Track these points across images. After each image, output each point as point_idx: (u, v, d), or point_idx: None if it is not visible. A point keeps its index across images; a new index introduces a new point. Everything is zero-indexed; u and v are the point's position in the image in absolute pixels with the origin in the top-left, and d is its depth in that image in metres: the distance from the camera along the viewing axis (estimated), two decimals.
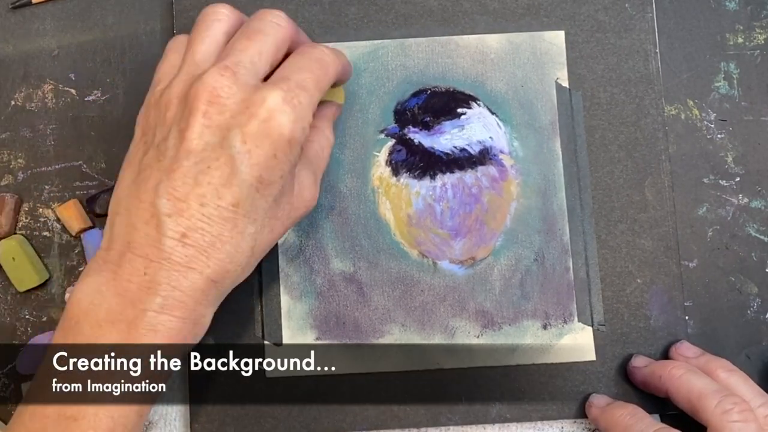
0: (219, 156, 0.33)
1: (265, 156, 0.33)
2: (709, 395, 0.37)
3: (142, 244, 0.33)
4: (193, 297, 0.33)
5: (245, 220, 0.34)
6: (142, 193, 0.33)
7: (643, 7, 0.46)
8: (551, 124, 0.45)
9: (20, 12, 0.46)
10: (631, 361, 0.42)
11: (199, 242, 0.33)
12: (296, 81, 0.35)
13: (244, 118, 0.33)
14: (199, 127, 0.33)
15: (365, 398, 0.42)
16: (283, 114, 0.34)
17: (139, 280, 0.33)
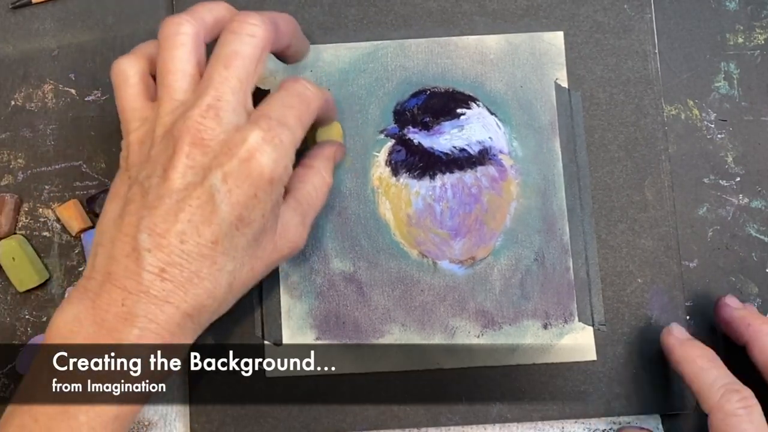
0: (200, 195, 0.34)
1: (246, 195, 0.34)
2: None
3: (122, 276, 0.33)
4: (169, 330, 0.34)
5: (224, 257, 0.34)
6: (124, 227, 0.34)
7: (641, 8, 0.46)
8: (550, 125, 0.45)
9: (20, 12, 0.46)
10: (725, 297, 0.42)
11: (177, 278, 0.33)
12: (277, 118, 0.35)
13: (224, 159, 0.34)
14: (182, 168, 0.34)
15: (365, 398, 0.42)
16: (264, 154, 0.34)
17: (116, 310, 0.33)
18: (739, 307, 0.41)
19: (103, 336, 0.33)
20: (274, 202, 0.35)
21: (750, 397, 0.36)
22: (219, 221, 0.34)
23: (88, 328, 0.33)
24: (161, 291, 0.33)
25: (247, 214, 0.34)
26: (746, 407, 0.36)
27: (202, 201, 0.34)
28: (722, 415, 0.36)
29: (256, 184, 0.34)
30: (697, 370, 0.38)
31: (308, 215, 0.39)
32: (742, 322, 0.40)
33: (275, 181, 0.35)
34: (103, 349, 0.34)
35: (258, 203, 0.34)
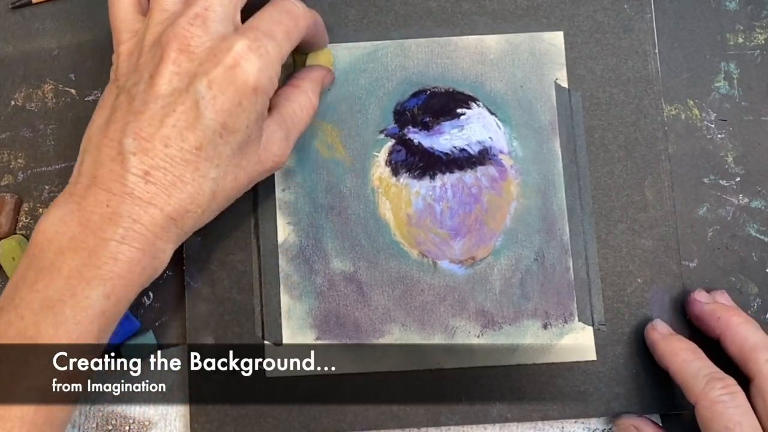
0: (185, 101, 0.34)
1: (230, 103, 0.35)
2: (764, 348, 0.38)
3: (107, 179, 0.34)
4: (152, 231, 0.35)
5: (207, 164, 0.35)
6: (110, 132, 0.35)
7: (641, 8, 0.46)
8: (551, 125, 0.45)
9: (20, 12, 0.46)
10: (694, 292, 0.42)
11: (161, 181, 0.34)
12: (264, 30, 0.36)
13: (210, 66, 0.35)
14: (168, 74, 0.35)
15: (365, 398, 0.42)
16: (248, 62, 0.35)
17: (102, 211, 0.34)
18: (708, 301, 0.42)
19: (88, 236, 0.34)
20: (258, 112, 0.36)
21: (733, 384, 0.37)
22: (203, 127, 0.34)
23: (73, 228, 0.34)
24: (145, 193, 0.34)
25: (231, 122, 0.35)
26: (730, 393, 0.37)
27: (186, 107, 0.34)
28: (708, 403, 0.37)
29: (241, 91, 0.35)
30: (680, 363, 0.39)
31: (292, 132, 0.40)
32: (712, 316, 0.40)
33: (259, 90, 0.35)
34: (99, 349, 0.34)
35: (242, 112, 0.35)
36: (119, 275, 0.34)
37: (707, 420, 0.36)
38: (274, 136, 0.38)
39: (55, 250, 0.34)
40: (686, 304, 0.43)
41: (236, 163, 0.36)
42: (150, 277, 0.36)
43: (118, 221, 0.34)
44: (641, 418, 0.42)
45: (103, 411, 0.43)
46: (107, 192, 0.34)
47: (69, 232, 0.34)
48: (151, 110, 0.34)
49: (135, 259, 0.34)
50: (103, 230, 0.34)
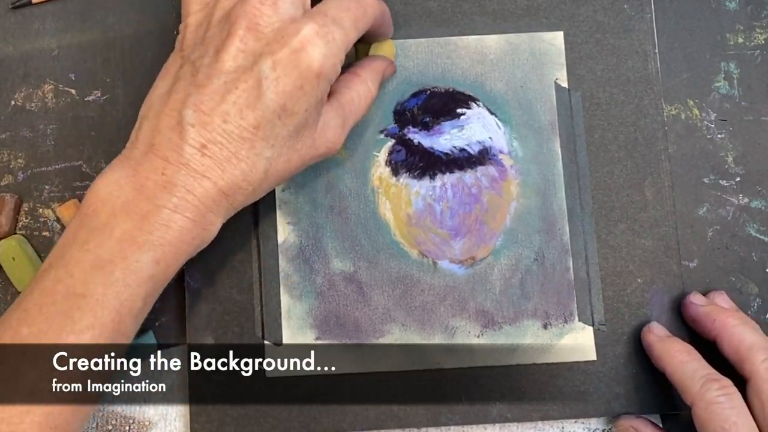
0: (248, 79, 0.35)
1: (292, 85, 0.35)
2: (759, 349, 0.38)
3: (164, 147, 0.35)
4: (204, 203, 0.35)
5: (263, 143, 0.35)
6: (171, 102, 0.35)
7: (642, 8, 0.46)
8: (551, 125, 0.45)
9: (20, 12, 0.46)
10: (689, 295, 0.42)
11: (217, 155, 0.35)
12: (333, 17, 0.36)
13: (276, 46, 0.35)
14: (234, 50, 0.35)
15: (365, 398, 0.42)
16: (315, 47, 0.35)
17: (157, 178, 0.34)
18: (704, 304, 0.42)
19: (141, 201, 0.34)
20: (318, 97, 0.36)
21: (729, 385, 0.37)
22: (263, 107, 0.35)
23: (127, 192, 0.34)
24: (200, 165, 0.35)
25: (291, 104, 0.35)
26: (726, 394, 0.37)
27: (249, 85, 0.35)
28: (704, 404, 0.37)
29: (304, 75, 0.35)
30: (677, 364, 0.39)
31: (348, 120, 0.40)
32: (708, 318, 0.41)
33: (322, 75, 0.35)
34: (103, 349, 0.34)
35: (303, 95, 0.35)
36: (170, 242, 0.34)
37: (704, 421, 0.37)
38: (330, 122, 0.38)
39: (108, 212, 0.34)
40: (682, 307, 0.43)
41: (291, 145, 0.36)
42: (198, 246, 0.36)
43: (173, 190, 0.34)
44: (640, 419, 0.42)
45: (103, 411, 0.43)
46: (163, 160, 0.35)
47: (123, 195, 0.34)
48: (213, 85, 0.35)
49: (186, 229, 0.35)
50: (157, 197, 0.34)
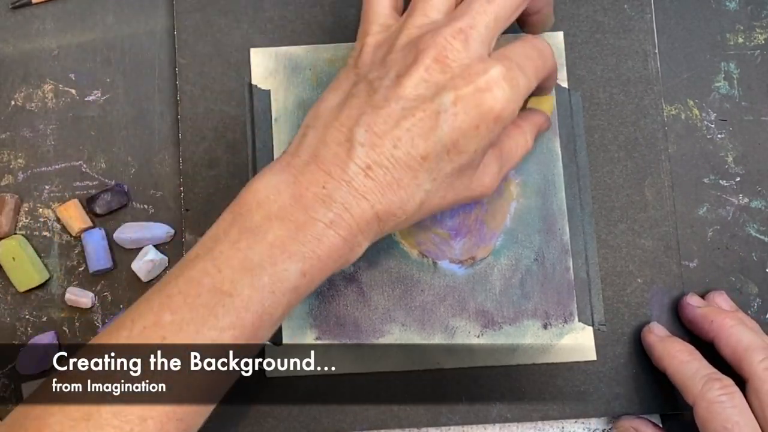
0: (426, 109, 0.34)
1: (469, 124, 0.34)
2: (757, 350, 0.38)
3: (329, 162, 0.34)
4: (358, 224, 0.34)
5: (426, 175, 0.35)
6: (343, 117, 0.35)
7: (642, 8, 0.46)
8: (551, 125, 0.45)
9: (20, 12, 0.46)
10: (686, 297, 0.43)
11: (380, 178, 0.34)
12: (518, 63, 0.36)
13: (461, 82, 0.34)
14: (417, 78, 0.34)
15: (365, 398, 0.42)
16: (500, 90, 0.35)
17: (316, 190, 0.34)
18: (701, 305, 0.42)
19: (298, 210, 0.34)
20: (489, 140, 0.36)
21: (731, 384, 0.37)
22: (435, 140, 0.34)
23: (285, 199, 0.34)
24: (362, 185, 0.34)
25: (463, 142, 0.35)
26: (728, 394, 0.37)
27: (426, 115, 0.34)
28: (706, 404, 0.37)
29: (483, 116, 0.34)
30: (677, 364, 0.39)
31: (504, 168, 0.40)
32: (705, 319, 0.41)
33: (500, 120, 0.35)
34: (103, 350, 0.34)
35: (476, 136, 0.35)
36: (319, 257, 0.34)
37: (705, 420, 0.37)
38: (489, 167, 0.38)
39: (264, 214, 0.34)
40: (679, 309, 0.43)
41: (449, 183, 0.36)
42: (341, 265, 0.36)
43: (330, 205, 0.34)
44: (641, 420, 0.42)
45: None
46: (326, 174, 0.34)
47: (280, 201, 0.34)
48: (390, 108, 0.34)
49: (336, 246, 0.34)
50: (314, 209, 0.34)
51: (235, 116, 0.45)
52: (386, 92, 0.35)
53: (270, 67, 0.45)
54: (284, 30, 0.46)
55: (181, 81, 0.45)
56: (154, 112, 0.46)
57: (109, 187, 0.45)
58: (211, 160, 0.44)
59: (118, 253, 0.45)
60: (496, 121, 0.35)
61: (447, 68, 0.34)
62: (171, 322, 0.33)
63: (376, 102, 0.35)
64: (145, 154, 0.45)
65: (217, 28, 0.45)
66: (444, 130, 0.34)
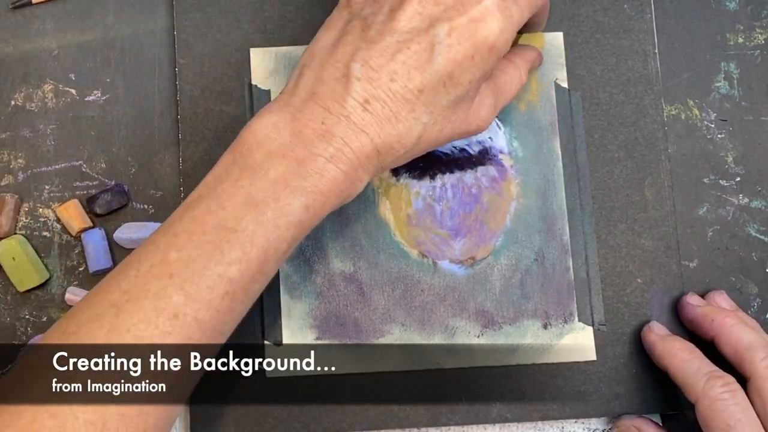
0: (421, 41, 0.35)
1: (464, 55, 0.35)
2: (758, 348, 0.38)
3: (327, 98, 0.35)
4: (358, 158, 0.35)
5: (423, 108, 0.35)
6: (338, 54, 0.35)
7: (641, 8, 0.46)
8: (551, 125, 0.45)
9: (20, 12, 0.46)
10: (686, 296, 0.43)
11: (378, 112, 0.35)
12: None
13: (455, 13, 0.35)
14: (411, 11, 0.35)
15: (365, 398, 0.42)
16: (494, 19, 0.35)
17: (316, 127, 0.35)
18: (700, 304, 0.42)
19: (298, 146, 0.34)
20: (485, 71, 0.36)
21: (733, 382, 0.37)
22: (431, 72, 0.35)
23: (285, 136, 0.35)
24: (361, 119, 0.35)
25: (458, 73, 0.35)
26: (730, 391, 0.37)
27: (421, 48, 0.35)
28: (708, 402, 0.37)
29: (477, 46, 0.35)
30: (679, 362, 0.39)
31: (500, 102, 0.40)
32: (706, 319, 0.41)
33: (495, 49, 0.35)
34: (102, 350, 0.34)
35: (471, 66, 0.35)
36: (321, 191, 0.34)
37: (708, 418, 0.37)
38: (485, 100, 0.38)
39: (264, 153, 0.34)
40: (679, 309, 0.43)
41: (447, 116, 0.36)
42: (343, 200, 0.36)
43: (330, 140, 0.34)
44: (642, 419, 0.42)
45: None
46: (324, 110, 0.35)
47: (280, 139, 0.35)
48: (385, 42, 0.35)
49: (337, 180, 0.35)
50: (314, 145, 0.34)
51: (235, 116, 0.45)
52: (380, 27, 0.35)
53: (270, 67, 0.45)
54: (284, 30, 0.46)
55: (181, 81, 0.45)
56: (154, 112, 0.46)
57: (109, 187, 0.45)
58: (211, 160, 0.44)
59: (118, 253, 0.45)
60: (490, 51, 0.35)
61: (440, 0, 0.35)
62: (177, 259, 0.33)
63: (371, 37, 0.35)
64: (145, 154, 0.45)
65: (217, 28, 0.45)
66: (439, 61, 0.35)
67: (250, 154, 0.35)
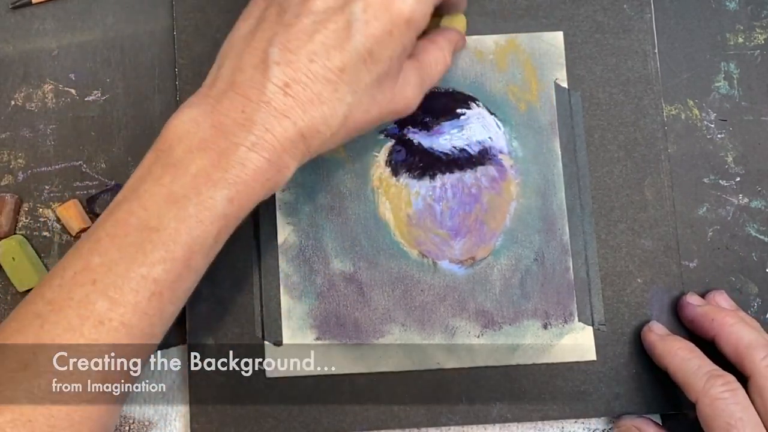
0: (338, 20, 0.34)
1: (381, 30, 0.35)
2: (758, 347, 0.38)
3: (246, 86, 0.34)
4: (282, 144, 0.34)
5: (346, 87, 0.35)
6: (256, 41, 0.35)
7: (641, 8, 0.46)
8: (550, 125, 0.45)
9: (20, 12, 0.46)
10: (686, 296, 0.43)
11: (300, 95, 0.34)
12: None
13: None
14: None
15: (365, 398, 0.42)
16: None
17: (236, 116, 0.34)
18: (701, 304, 0.42)
19: (219, 138, 0.34)
20: (404, 46, 0.36)
21: (733, 381, 0.37)
22: (350, 49, 0.34)
23: (205, 129, 0.34)
24: (282, 104, 0.34)
25: (378, 50, 0.35)
26: (731, 390, 0.37)
27: (338, 26, 0.34)
28: (708, 400, 0.37)
29: (394, 21, 0.35)
30: (679, 362, 0.39)
31: (425, 82, 0.40)
32: (706, 318, 0.41)
33: (412, 23, 0.35)
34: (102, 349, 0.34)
35: (391, 42, 0.35)
36: (244, 181, 0.34)
37: (708, 417, 0.37)
38: (410, 79, 0.38)
39: (185, 148, 0.34)
40: (679, 308, 0.43)
41: (372, 95, 0.36)
42: (270, 189, 0.35)
43: (251, 128, 0.34)
44: (642, 419, 0.42)
45: None
46: (244, 98, 0.34)
47: (200, 132, 0.34)
48: (302, 24, 0.35)
49: (261, 168, 0.34)
50: (234, 135, 0.34)
51: None
52: (297, 9, 0.35)
53: None
54: None
55: (181, 81, 0.45)
56: (154, 112, 0.46)
57: (109, 187, 0.45)
58: None
59: None
60: (407, 24, 0.35)
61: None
62: (100, 264, 0.33)
63: (287, 20, 0.35)
64: (145, 154, 0.45)
65: (217, 28, 0.45)
66: (358, 39, 0.34)
67: (171, 151, 0.34)
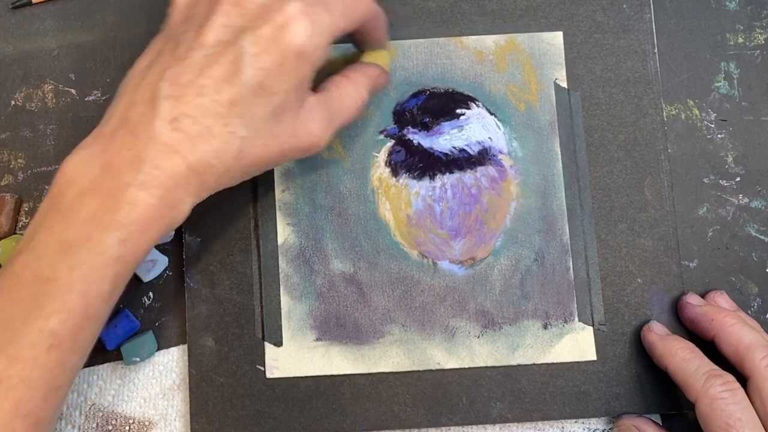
0: (228, 54, 0.34)
1: (272, 63, 0.34)
2: (758, 347, 0.38)
3: (136, 122, 0.34)
4: (173, 180, 0.33)
5: (238, 121, 0.34)
6: (149, 76, 0.35)
7: (641, 8, 0.46)
8: (550, 125, 0.45)
9: (20, 12, 0.46)
10: (686, 296, 0.43)
11: (189, 129, 0.34)
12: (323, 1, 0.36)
13: (260, 23, 0.34)
14: (216, 25, 0.35)
15: (365, 398, 0.42)
16: (299, 24, 0.34)
17: (125, 154, 0.33)
18: (701, 304, 0.42)
19: (108, 179, 0.33)
20: (299, 79, 0.35)
21: (732, 380, 0.37)
22: (240, 83, 0.34)
23: (95, 171, 0.33)
24: (170, 139, 0.33)
25: (269, 82, 0.34)
26: (730, 390, 0.37)
27: (228, 60, 0.34)
28: (708, 400, 0.37)
29: (284, 53, 0.34)
30: (679, 362, 0.39)
31: (336, 118, 0.39)
32: (706, 318, 0.41)
33: (304, 55, 0.35)
34: None
35: (283, 74, 0.35)
36: (136, 221, 0.33)
37: (708, 417, 0.37)
38: (315, 114, 0.37)
39: (76, 192, 0.33)
40: (679, 308, 0.43)
41: (269, 130, 0.35)
42: (168, 226, 0.34)
43: (140, 166, 0.33)
44: (642, 418, 0.42)
45: (103, 411, 0.43)
46: (133, 135, 0.33)
47: (90, 174, 0.33)
48: (193, 58, 0.34)
49: (153, 206, 0.33)
50: (123, 174, 0.33)
51: None
52: (189, 43, 0.35)
53: None
54: None
55: None
56: None
57: None
58: None
59: None
60: (298, 56, 0.35)
61: (245, 11, 0.35)
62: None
63: (179, 54, 0.34)
64: None
65: None
66: (248, 72, 0.34)
67: (62, 197, 0.33)
